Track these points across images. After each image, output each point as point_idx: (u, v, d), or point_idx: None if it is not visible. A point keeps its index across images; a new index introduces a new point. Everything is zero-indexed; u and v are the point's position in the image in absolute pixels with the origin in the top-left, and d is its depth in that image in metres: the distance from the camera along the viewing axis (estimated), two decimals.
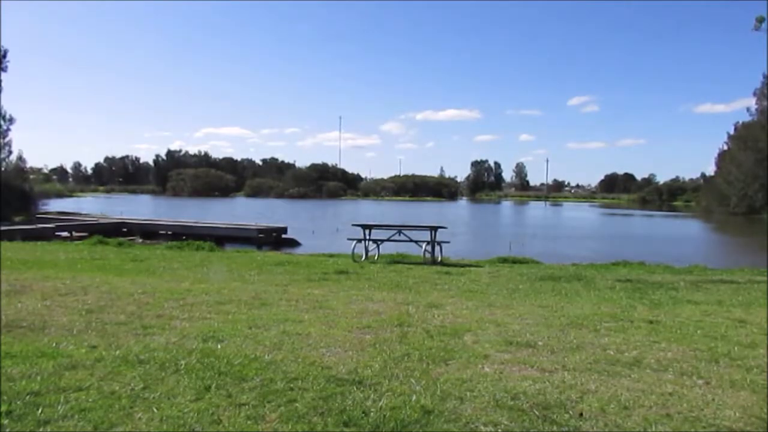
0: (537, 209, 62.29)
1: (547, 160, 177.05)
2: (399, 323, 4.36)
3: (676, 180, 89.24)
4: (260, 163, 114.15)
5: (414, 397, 2.75)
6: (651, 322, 4.59)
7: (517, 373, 3.21)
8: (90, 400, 2.65)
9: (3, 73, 28.31)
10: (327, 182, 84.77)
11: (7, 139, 30.65)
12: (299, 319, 4.49)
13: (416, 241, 11.21)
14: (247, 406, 2.62)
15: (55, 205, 38.87)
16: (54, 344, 3.54)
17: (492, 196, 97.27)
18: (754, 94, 48.42)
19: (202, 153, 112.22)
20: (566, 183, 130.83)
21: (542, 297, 5.90)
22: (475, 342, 3.88)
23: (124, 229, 21.89)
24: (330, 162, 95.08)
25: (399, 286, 6.87)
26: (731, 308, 5.50)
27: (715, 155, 56.42)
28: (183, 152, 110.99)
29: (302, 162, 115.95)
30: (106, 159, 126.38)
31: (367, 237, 11.29)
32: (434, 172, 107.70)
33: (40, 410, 2.51)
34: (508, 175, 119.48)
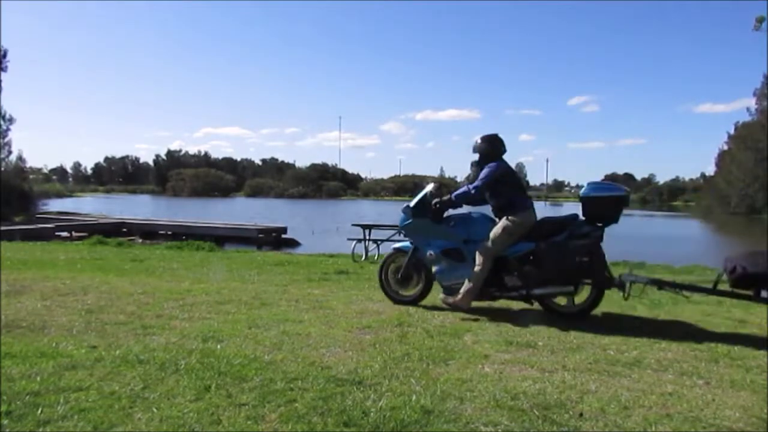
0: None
1: (547, 160, 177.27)
2: (399, 323, 4.36)
3: (676, 180, 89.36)
4: (260, 163, 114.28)
5: (414, 397, 2.75)
6: (651, 321, 4.60)
7: (517, 373, 3.21)
8: (90, 400, 2.65)
9: (3, 73, 28.36)
10: (327, 182, 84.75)
11: (7, 139, 30.72)
12: (299, 319, 4.49)
13: None
14: (247, 406, 2.62)
15: (55, 205, 38.86)
16: (54, 344, 3.54)
17: None
18: (754, 94, 48.41)
19: (202, 153, 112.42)
20: (566, 183, 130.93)
21: None
22: (475, 342, 3.88)
23: (124, 229, 21.89)
24: (330, 162, 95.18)
25: None
26: (731, 308, 5.49)
27: (715, 155, 56.43)
28: (183, 152, 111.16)
29: (302, 162, 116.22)
30: (106, 159, 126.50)
31: (367, 237, 11.29)
32: (434, 172, 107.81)
33: (40, 410, 2.51)
34: None
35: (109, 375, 3.00)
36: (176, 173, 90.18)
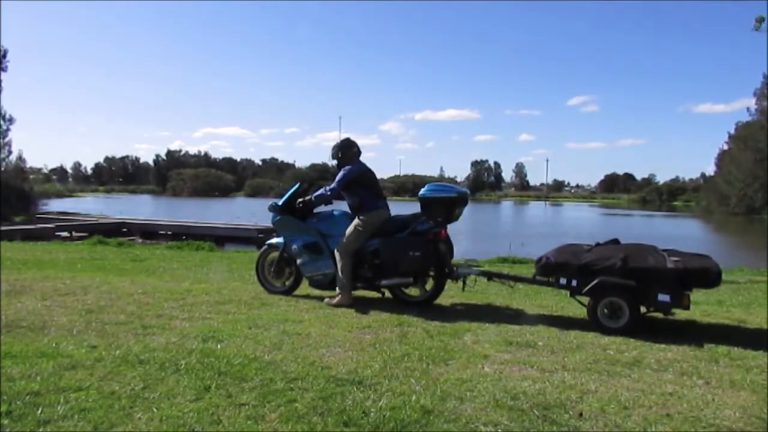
0: (537, 209, 62.30)
1: (547, 160, 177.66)
2: (399, 323, 4.36)
3: (676, 180, 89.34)
4: (260, 163, 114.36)
5: (414, 397, 2.75)
6: (651, 321, 4.59)
7: (517, 373, 3.21)
8: (90, 400, 2.65)
9: (3, 73, 28.41)
10: (327, 182, 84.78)
11: (7, 139, 30.78)
12: (299, 319, 4.49)
13: None
14: (247, 406, 2.62)
15: (55, 205, 38.89)
16: (54, 344, 3.54)
17: (492, 196, 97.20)
18: (754, 94, 48.49)
19: (202, 153, 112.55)
20: (566, 183, 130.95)
21: (542, 297, 5.90)
22: (475, 342, 3.88)
23: (124, 229, 21.92)
24: (330, 162, 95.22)
25: None
26: (731, 308, 5.50)
27: (715, 155, 56.55)
28: (183, 152, 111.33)
29: (302, 162, 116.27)
30: (106, 159, 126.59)
31: None
32: (434, 172, 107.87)
33: (40, 410, 2.51)
34: (508, 175, 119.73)
35: (109, 375, 3.00)
36: (176, 173, 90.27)
